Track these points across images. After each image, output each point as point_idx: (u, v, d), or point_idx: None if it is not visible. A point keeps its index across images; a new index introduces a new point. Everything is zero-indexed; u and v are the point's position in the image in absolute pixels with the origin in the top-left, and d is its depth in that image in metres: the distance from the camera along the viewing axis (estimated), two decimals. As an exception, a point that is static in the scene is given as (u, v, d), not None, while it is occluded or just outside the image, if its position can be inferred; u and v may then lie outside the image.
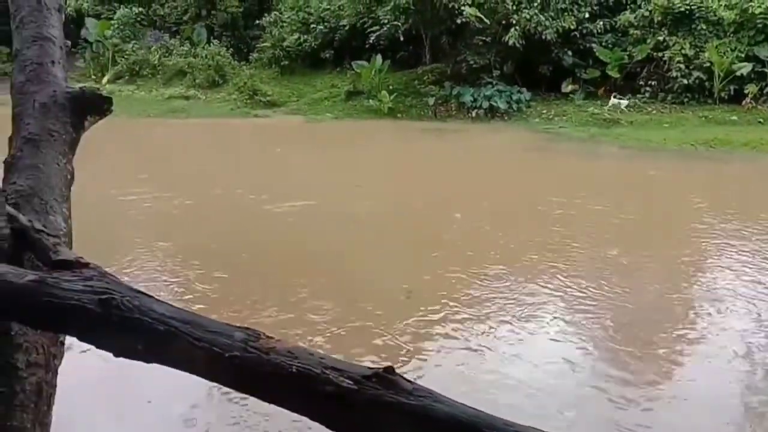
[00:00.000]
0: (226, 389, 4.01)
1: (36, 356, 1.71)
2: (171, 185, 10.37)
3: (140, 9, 28.01)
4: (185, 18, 27.84)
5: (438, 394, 1.28)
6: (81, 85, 2.68)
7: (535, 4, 19.30)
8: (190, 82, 24.23)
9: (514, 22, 19.46)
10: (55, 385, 1.83)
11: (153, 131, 18.34)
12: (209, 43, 25.70)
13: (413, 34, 22.22)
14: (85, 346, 1.44)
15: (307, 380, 1.24)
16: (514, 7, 19.46)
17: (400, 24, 21.18)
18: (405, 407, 1.22)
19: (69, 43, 2.75)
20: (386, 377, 1.25)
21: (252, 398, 1.34)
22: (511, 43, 19.45)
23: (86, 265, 1.56)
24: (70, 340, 1.66)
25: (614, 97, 19.34)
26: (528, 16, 19.29)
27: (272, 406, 1.32)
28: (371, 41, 22.18)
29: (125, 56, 25.86)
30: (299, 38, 24.41)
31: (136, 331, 1.36)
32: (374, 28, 22.09)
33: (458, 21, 19.77)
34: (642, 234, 8.16)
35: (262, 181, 11.31)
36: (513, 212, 8.88)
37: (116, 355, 1.41)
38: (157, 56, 25.81)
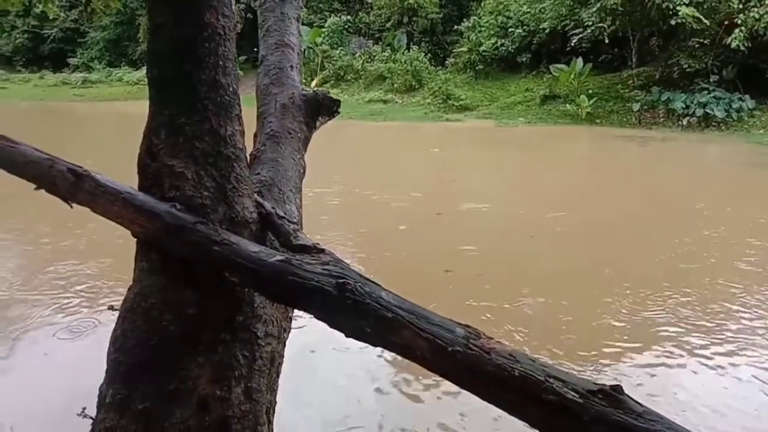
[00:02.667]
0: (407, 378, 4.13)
1: (271, 328, 1.92)
2: (358, 183, 10.96)
3: (348, 17, 30.05)
4: (388, 25, 29.27)
5: (669, 420, 1.20)
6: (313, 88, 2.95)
7: (766, 2, 17.08)
8: (389, 87, 25.42)
9: (739, 22, 17.41)
10: (283, 356, 2.04)
11: (351, 133, 19.53)
12: (408, 48, 26.73)
13: (619, 36, 20.95)
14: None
15: (529, 386, 1.23)
16: (740, 6, 17.40)
17: (605, 26, 20.09)
18: (632, 429, 1.16)
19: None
20: (613, 395, 1.20)
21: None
22: (733, 45, 17.43)
23: (322, 250, 1.72)
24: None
25: None
26: (757, 16, 17.13)
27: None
28: (572, 44, 21.34)
29: (332, 62, 27.92)
30: (496, 42, 24.35)
31: (367, 315, 1.47)
32: (577, 30, 21.22)
33: (672, 22, 18.21)
34: None
35: (445, 184, 11.50)
36: (729, 242, 7.83)
37: (347, 335, 1.53)
38: (361, 62, 27.49)
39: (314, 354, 4.09)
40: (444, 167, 13.58)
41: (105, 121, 23.83)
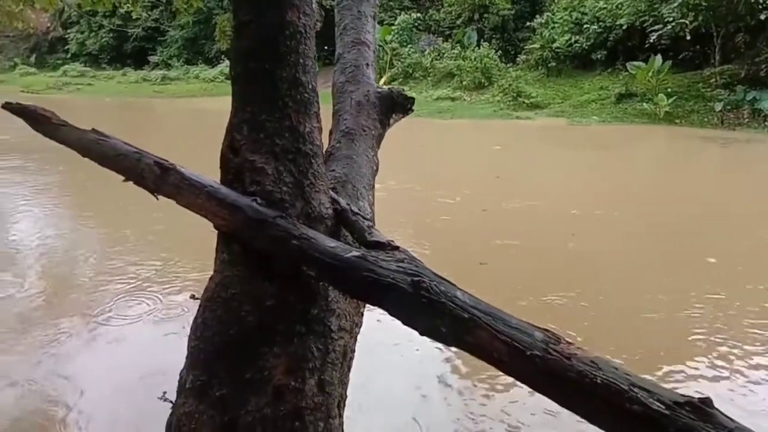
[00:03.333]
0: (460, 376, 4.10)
1: (344, 322, 1.94)
2: (410, 179, 10.94)
3: (418, 15, 30.02)
4: (458, 22, 29.05)
5: (764, 438, 1.13)
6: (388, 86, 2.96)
7: None
8: (458, 84, 25.22)
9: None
10: (354, 350, 2.06)
11: (417, 130, 19.49)
12: (479, 45, 26.43)
13: (701, 32, 19.95)
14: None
15: (612, 394, 1.19)
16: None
17: (687, 21, 19.19)
18: (723, 445, 1.11)
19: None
20: (702, 408, 1.14)
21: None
22: (833, 40, 16.32)
23: (397, 248, 1.72)
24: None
25: None
26: None
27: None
28: (651, 41, 20.51)
29: (401, 59, 27.97)
30: (570, 39, 23.71)
31: (442, 314, 1.46)
32: (656, 26, 20.38)
33: (761, 17, 17.20)
34: None
35: (496, 181, 11.35)
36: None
37: (421, 333, 1.53)
38: (430, 59, 27.42)
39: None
40: (501, 165, 13.42)
41: (182, 116, 24.81)
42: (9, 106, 2.31)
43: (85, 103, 27.81)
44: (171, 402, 1.88)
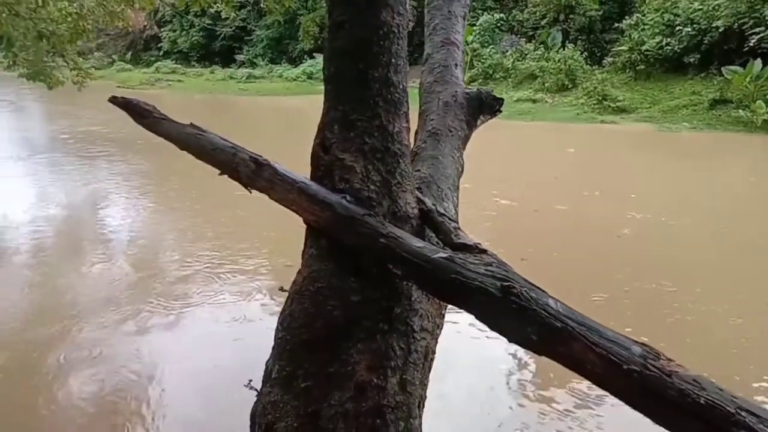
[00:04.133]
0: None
1: (427, 323, 1.94)
2: (472, 177, 10.82)
3: (501, 15, 29.57)
4: (543, 22, 28.38)
5: None
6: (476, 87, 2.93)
7: None
8: (539, 86, 24.65)
9: None
10: (435, 352, 2.05)
11: (494, 131, 19.18)
12: (563, 47, 25.72)
13: (810, 34, 18.59)
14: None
15: (716, 417, 1.13)
16: None
17: (793, 23, 17.93)
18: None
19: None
20: (821, 439, 1.06)
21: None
22: None
23: (484, 251, 1.70)
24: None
25: None
26: None
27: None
28: (751, 44, 19.28)
29: (482, 60, 27.63)
30: (661, 41, 22.64)
31: (533, 322, 1.43)
32: (757, 29, 19.15)
33: None
34: None
35: (557, 183, 11.02)
36: None
37: (510, 340, 1.50)
38: (511, 60, 26.94)
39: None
40: (570, 168, 13.05)
41: (264, 113, 25.58)
42: (115, 100, 2.46)
43: (175, 98, 29.19)
44: (256, 390, 1.93)
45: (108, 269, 6.96)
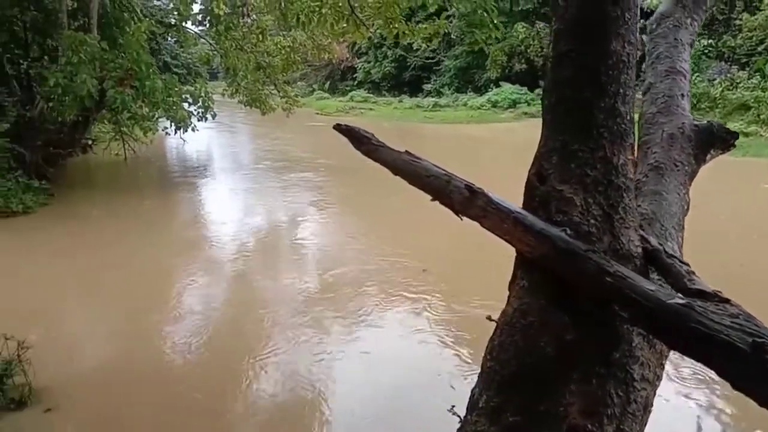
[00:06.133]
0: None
1: (647, 372, 1.79)
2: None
3: (709, 41, 27.11)
4: (759, 49, 25.48)
5: None
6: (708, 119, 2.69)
7: None
8: (753, 118, 22.08)
9: None
10: (653, 405, 1.88)
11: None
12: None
13: None
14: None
15: None
16: None
17: None
18: None
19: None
20: None
21: None
22: None
23: (727, 300, 1.53)
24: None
25: None
26: None
27: None
28: None
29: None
30: None
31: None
32: None
33: None
34: None
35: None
36: None
37: (759, 404, 1.33)
38: (720, 89, 24.52)
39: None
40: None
41: (447, 141, 26.11)
42: (338, 128, 2.66)
43: (366, 125, 30.89)
44: (459, 417, 1.93)
45: (298, 282, 7.60)
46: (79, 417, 4.74)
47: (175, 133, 13.18)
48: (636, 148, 2.57)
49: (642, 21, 2.30)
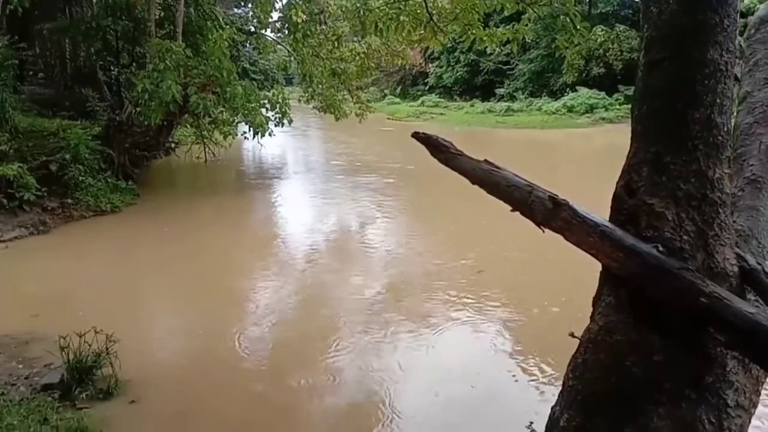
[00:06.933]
0: None
1: (742, 399, 1.70)
2: None
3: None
4: None
5: None
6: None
7: None
8: None
9: None
10: (747, 434, 1.78)
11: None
12: None
13: None
14: None
15: None
16: None
17: None
18: None
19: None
20: None
21: None
22: None
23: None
24: None
25: None
26: None
27: None
28: None
29: None
30: None
31: None
32: None
33: None
34: None
35: None
36: None
37: None
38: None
39: None
40: None
41: (518, 146, 25.67)
42: (416, 136, 2.65)
43: (436, 130, 30.82)
44: (537, 434, 1.89)
45: (365, 282, 7.72)
46: (161, 410, 4.96)
47: (254, 137, 13.63)
48: (731, 160, 2.45)
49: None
